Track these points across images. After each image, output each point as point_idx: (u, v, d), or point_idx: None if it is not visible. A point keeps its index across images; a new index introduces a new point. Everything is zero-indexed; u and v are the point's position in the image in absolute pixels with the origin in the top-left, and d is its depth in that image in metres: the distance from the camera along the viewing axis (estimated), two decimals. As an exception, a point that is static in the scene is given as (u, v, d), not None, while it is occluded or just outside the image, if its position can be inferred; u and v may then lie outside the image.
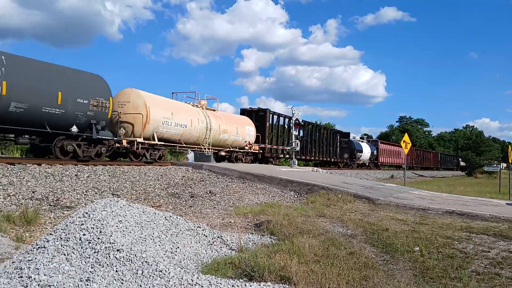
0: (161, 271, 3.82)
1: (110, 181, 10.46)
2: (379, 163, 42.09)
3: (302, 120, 25.55)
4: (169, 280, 3.72)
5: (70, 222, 4.45)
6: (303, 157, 28.59)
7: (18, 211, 6.76)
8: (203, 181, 12.58)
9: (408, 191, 13.83)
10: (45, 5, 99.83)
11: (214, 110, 19.56)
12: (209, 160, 17.91)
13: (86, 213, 4.61)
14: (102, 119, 12.37)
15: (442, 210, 9.37)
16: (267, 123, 23.41)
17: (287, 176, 13.34)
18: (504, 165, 37.59)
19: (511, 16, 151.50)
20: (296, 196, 11.54)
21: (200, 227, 5.86)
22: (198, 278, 3.86)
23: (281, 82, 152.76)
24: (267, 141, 23.16)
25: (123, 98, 14.37)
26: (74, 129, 11.51)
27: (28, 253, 4.03)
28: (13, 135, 11.21)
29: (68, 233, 4.23)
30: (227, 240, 5.80)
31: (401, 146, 44.10)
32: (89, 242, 4.10)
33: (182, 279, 3.77)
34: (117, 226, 4.49)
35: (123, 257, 3.94)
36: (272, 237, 6.29)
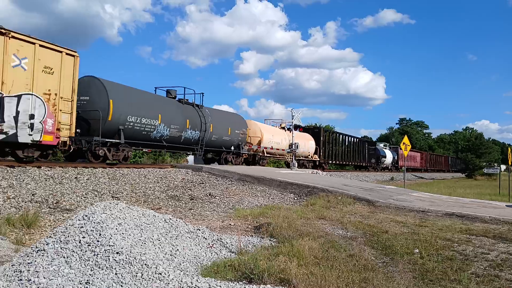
0: (160, 274, 3.82)
1: (110, 184, 10.46)
2: (399, 166, 47.86)
3: (335, 132, 36.47)
4: (169, 283, 3.72)
5: (69, 225, 4.45)
6: (343, 162, 35.61)
7: (18, 214, 6.76)
8: (203, 183, 12.58)
9: (407, 193, 13.83)
10: (44, 8, 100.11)
11: (289, 130, 27.06)
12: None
13: (86, 216, 4.61)
14: (243, 141, 21.34)
15: (441, 212, 9.37)
16: (321, 138, 30.65)
17: (286, 178, 13.34)
18: (504, 167, 37.60)
19: (510, 18, 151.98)
20: (296, 198, 11.54)
21: (199, 230, 5.86)
22: (197, 280, 3.86)
23: (280, 85, 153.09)
24: (321, 152, 30.52)
25: (234, 121, 21.52)
26: (232, 148, 20.38)
27: (27, 256, 4.03)
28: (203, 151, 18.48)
29: (68, 236, 4.23)
30: (226, 242, 5.79)
31: (416, 151, 52.76)
32: (89, 245, 4.10)
33: (181, 281, 3.77)
34: (116, 229, 4.49)
35: (123, 259, 3.94)
36: (271, 239, 6.29)
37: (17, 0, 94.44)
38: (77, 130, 12.05)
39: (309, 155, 28.82)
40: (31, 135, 10.33)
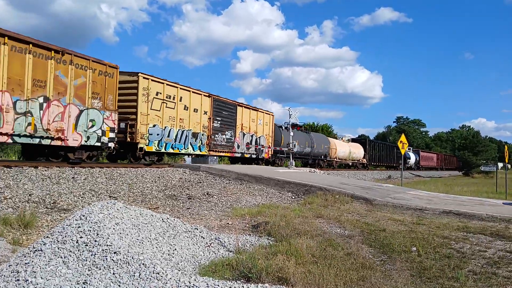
0: (158, 273, 3.82)
1: (107, 184, 10.44)
2: (420, 166, 57.20)
3: (369, 139, 49.48)
4: (167, 282, 3.71)
5: (67, 225, 4.43)
6: (380, 163, 45.95)
7: (15, 214, 6.73)
8: (200, 182, 12.57)
9: (405, 192, 13.86)
10: (41, 9, 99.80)
11: (348, 141, 40.09)
12: (207, 162, 18.26)
13: (83, 215, 4.59)
14: (328, 152, 32.04)
15: (439, 210, 9.40)
16: (366, 146, 40.88)
17: (284, 177, 13.35)
18: (501, 164, 37.74)
19: (507, 16, 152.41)
20: (293, 197, 11.54)
21: (197, 229, 5.86)
22: (195, 280, 3.86)
23: (277, 84, 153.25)
24: (367, 156, 40.75)
25: (324, 140, 33.13)
26: (322, 157, 31.14)
27: (25, 256, 4.02)
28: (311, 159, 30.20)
29: (65, 236, 4.22)
30: (224, 241, 5.79)
31: (433, 153, 64.07)
32: (86, 245, 4.09)
33: (179, 281, 3.77)
34: (114, 229, 4.48)
35: (120, 259, 3.93)
36: (269, 238, 6.29)
37: (13, 1, 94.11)
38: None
39: (360, 159, 39.81)
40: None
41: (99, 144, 12.60)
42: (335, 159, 34.14)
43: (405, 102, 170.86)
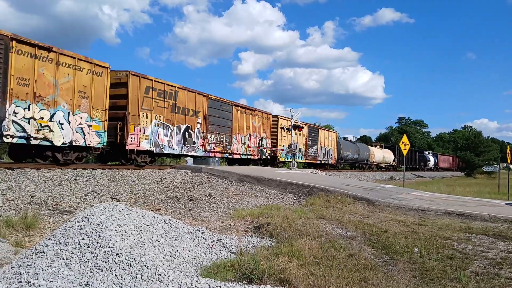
0: (160, 275, 3.82)
1: (109, 185, 10.45)
2: (439, 167, 67.20)
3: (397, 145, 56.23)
4: (168, 284, 3.72)
5: (69, 227, 4.44)
6: (407, 166, 50.73)
7: (17, 216, 6.75)
8: (202, 184, 12.57)
9: (407, 192, 13.84)
10: (42, 10, 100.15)
11: (381, 148, 49.59)
12: (208, 163, 18.26)
13: (85, 217, 4.60)
14: (368, 158, 42.15)
15: (441, 211, 9.38)
16: (396, 151, 49.46)
17: (286, 178, 13.34)
18: (504, 165, 37.64)
19: (509, 16, 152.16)
20: (295, 198, 11.53)
21: (199, 230, 5.86)
22: (197, 281, 3.86)
23: (279, 85, 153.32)
24: (395, 160, 49.65)
25: (366, 148, 43.34)
26: (365, 161, 41.40)
27: (27, 258, 4.02)
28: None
29: (67, 238, 4.22)
30: (226, 243, 5.79)
31: (449, 155, 72.53)
32: (88, 247, 4.09)
33: (181, 282, 3.77)
34: (116, 230, 4.49)
35: (122, 261, 3.94)
36: (271, 239, 6.29)
37: (15, 2, 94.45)
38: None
39: (390, 162, 48.98)
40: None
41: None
42: (373, 163, 43.73)
43: (407, 102, 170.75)
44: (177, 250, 4.93)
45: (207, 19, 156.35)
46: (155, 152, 15.43)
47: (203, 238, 5.70)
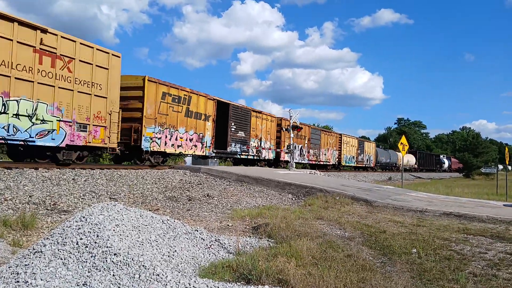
0: (158, 275, 3.82)
1: (108, 185, 10.44)
2: (452, 169, 75.56)
3: (416, 150, 69.44)
4: (166, 284, 3.71)
5: (67, 226, 4.43)
6: (424, 168, 64.03)
7: (15, 216, 6.73)
8: (200, 184, 12.57)
9: (405, 193, 13.85)
10: (41, 10, 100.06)
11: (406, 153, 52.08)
12: (207, 163, 18.48)
13: (83, 217, 4.59)
14: (396, 162, 54.31)
15: (439, 212, 9.39)
16: (417, 155, 60.59)
17: (285, 179, 13.34)
18: (501, 166, 37.70)
19: (507, 18, 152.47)
20: (294, 199, 11.54)
21: (197, 231, 5.85)
22: (195, 281, 3.86)
23: (277, 85, 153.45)
24: (417, 162, 59.12)
25: (395, 154, 54.82)
26: (394, 164, 53.68)
27: (24, 258, 4.01)
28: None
29: (65, 238, 4.22)
30: (224, 243, 5.79)
31: (458, 158, 70.29)
32: (86, 246, 4.09)
33: (179, 282, 3.77)
34: (114, 230, 4.48)
35: (120, 261, 3.93)
36: (269, 240, 6.29)
37: (14, 2, 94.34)
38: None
39: (413, 165, 57.79)
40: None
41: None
42: (400, 166, 51.07)
43: (406, 103, 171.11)
44: (175, 250, 4.92)
45: (206, 19, 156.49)
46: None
47: (201, 238, 5.69)
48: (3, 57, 9.70)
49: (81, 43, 11.75)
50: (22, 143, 10.41)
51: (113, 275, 3.77)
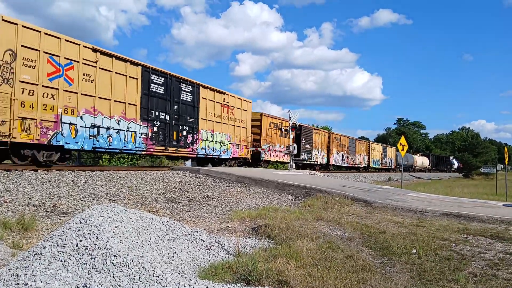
0: (158, 277, 3.82)
1: (107, 187, 10.43)
2: (461, 168, 76.91)
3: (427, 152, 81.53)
4: (166, 286, 3.71)
5: (66, 228, 4.43)
6: (436, 169, 72.74)
7: (14, 218, 6.73)
8: (200, 185, 12.56)
9: (405, 194, 13.86)
10: (39, 11, 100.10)
11: (420, 155, 67.08)
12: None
13: (83, 219, 4.59)
14: (412, 164, 59.32)
15: (439, 212, 9.39)
16: (430, 157, 69.75)
17: (284, 180, 13.34)
18: (501, 166, 37.73)
19: (506, 18, 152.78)
20: (293, 200, 11.54)
21: (197, 232, 5.85)
22: (195, 283, 3.86)
23: (276, 86, 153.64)
24: (430, 164, 67.00)
25: (411, 157, 60.78)
26: (411, 165, 57.74)
27: (24, 260, 4.01)
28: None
29: (65, 240, 4.21)
30: (224, 244, 5.79)
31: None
32: (86, 248, 4.09)
33: (179, 284, 3.77)
34: (114, 232, 4.48)
35: (120, 262, 3.93)
36: (269, 241, 6.29)
37: (12, 3, 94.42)
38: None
39: (426, 166, 65.06)
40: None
41: None
42: (416, 167, 59.75)
43: (405, 104, 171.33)
44: (175, 252, 4.92)
45: (204, 20, 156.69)
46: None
47: (201, 239, 5.69)
48: (210, 110, 18.94)
49: (237, 98, 21.05)
50: (216, 157, 19.76)
51: (113, 276, 3.77)
